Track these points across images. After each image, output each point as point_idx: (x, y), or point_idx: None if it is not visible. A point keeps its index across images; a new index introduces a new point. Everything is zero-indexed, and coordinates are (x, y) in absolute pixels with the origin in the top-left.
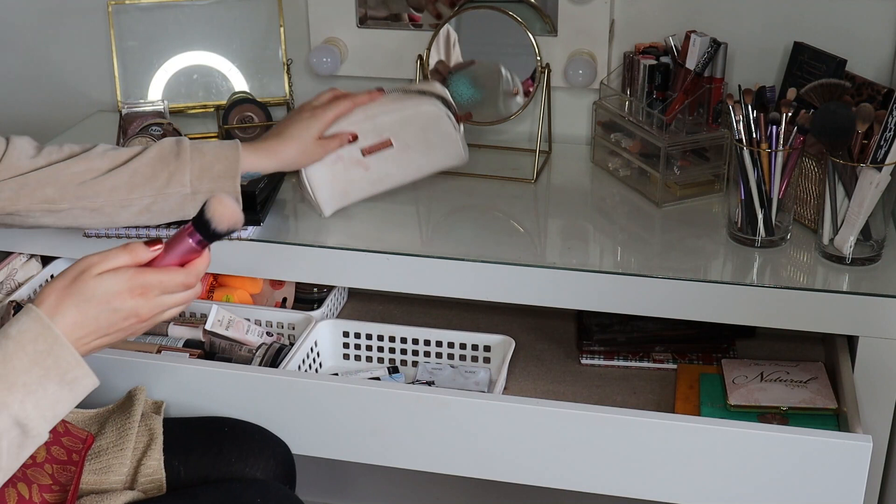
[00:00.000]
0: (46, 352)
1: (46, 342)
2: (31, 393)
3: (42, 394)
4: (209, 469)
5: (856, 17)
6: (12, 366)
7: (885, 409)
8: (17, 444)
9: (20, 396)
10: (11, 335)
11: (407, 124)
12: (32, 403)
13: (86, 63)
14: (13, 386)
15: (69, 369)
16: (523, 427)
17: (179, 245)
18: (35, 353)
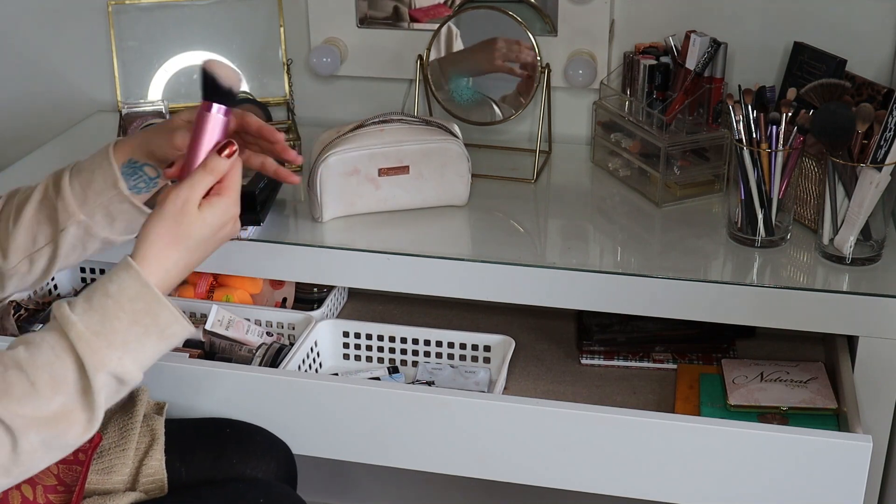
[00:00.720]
0: (145, 311)
1: (145, 301)
2: (129, 351)
3: (140, 349)
4: (211, 470)
5: (856, 17)
6: (112, 326)
7: (885, 409)
8: (114, 392)
9: (119, 354)
10: (111, 293)
11: (428, 156)
12: (131, 359)
13: (86, 63)
14: (112, 345)
15: (167, 325)
16: (523, 427)
17: (205, 126)
18: (134, 312)
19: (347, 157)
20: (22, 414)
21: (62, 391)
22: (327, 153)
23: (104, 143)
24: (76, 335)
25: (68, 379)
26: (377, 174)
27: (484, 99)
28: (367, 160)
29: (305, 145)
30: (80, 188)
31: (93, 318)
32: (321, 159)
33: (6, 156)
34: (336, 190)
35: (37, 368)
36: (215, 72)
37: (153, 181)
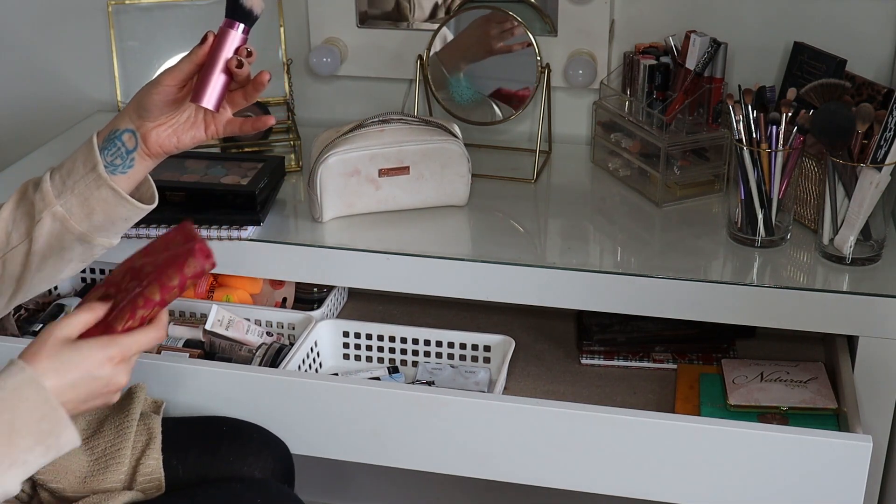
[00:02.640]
0: (50, 431)
1: (51, 423)
2: (28, 469)
3: (34, 466)
4: (208, 468)
5: (856, 17)
6: (15, 444)
7: (885, 409)
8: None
9: (16, 472)
10: (20, 412)
11: (428, 157)
12: (25, 473)
13: (86, 63)
14: (14, 464)
15: (66, 445)
16: (523, 427)
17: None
18: (40, 432)
19: (348, 158)
20: None
21: None
22: (327, 153)
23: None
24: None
25: None
26: (377, 175)
27: (484, 99)
28: (367, 161)
29: (305, 145)
30: (59, 179)
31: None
32: (321, 159)
33: (6, 156)
34: (336, 190)
35: None
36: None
37: (129, 155)
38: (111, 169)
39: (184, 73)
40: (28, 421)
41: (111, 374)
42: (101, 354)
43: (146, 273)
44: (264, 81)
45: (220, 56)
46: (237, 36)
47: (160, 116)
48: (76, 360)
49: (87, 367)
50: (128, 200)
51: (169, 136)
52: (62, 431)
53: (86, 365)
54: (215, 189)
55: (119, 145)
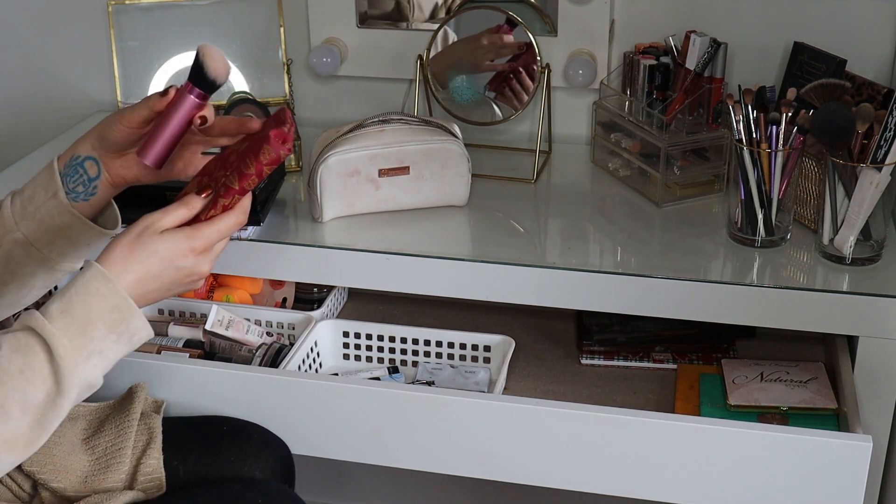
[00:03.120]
0: (120, 320)
1: (121, 312)
2: (104, 358)
3: (111, 356)
4: (208, 468)
5: (856, 17)
6: (91, 335)
7: (885, 409)
8: (82, 398)
9: (95, 362)
10: (92, 306)
11: (428, 157)
12: (103, 366)
13: (86, 63)
14: (91, 355)
15: (136, 332)
16: (523, 427)
17: (178, 105)
18: (111, 321)
19: (348, 158)
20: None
21: (30, 412)
22: (327, 153)
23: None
24: (63, 351)
25: (38, 399)
26: (377, 175)
27: (484, 99)
28: (367, 161)
29: (305, 145)
30: (20, 204)
31: (75, 331)
32: (321, 159)
33: (6, 156)
34: (336, 190)
35: (5, 391)
36: (206, 60)
37: (92, 183)
38: (73, 196)
39: (141, 117)
40: (100, 311)
41: (193, 263)
42: (184, 245)
43: (230, 162)
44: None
45: (175, 116)
46: (195, 102)
47: (122, 150)
48: (161, 251)
49: (169, 257)
50: (91, 227)
51: (130, 167)
52: (131, 319)
53: (168, 256)
54: None
55: (81, 172)
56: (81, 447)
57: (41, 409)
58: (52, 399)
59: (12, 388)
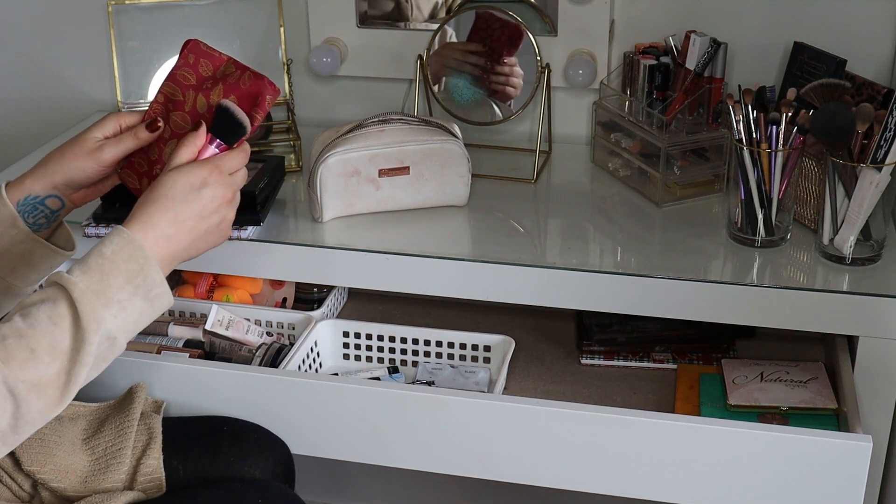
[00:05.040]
0: (137, 270)
1: (138, 262)
2: (122, 309)
3: (130, 309)
4: (208, 468)
5: (856, 17)
6: (108, 283)
7: (885, 409)
8: (104, 356)
9: (114, 311)
10: (107, 255)
11: (428, 157)
12: (122, 318)
13: (86, 63)
14: (110, 302)
15: (153, 286)
16: (523, 427)
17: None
18: (128, 271)
19: (348, 158)
20: (24, 379)
21: (59, 357)
22: (327, 153)
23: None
24: (79, 294)
25: (65, 344)
26: (377, 175)
27: (484, 99)
28: (367, 161)
29: (305, 145)
30: None
31: (92, 278)
32: (321, 159)
33: (6, 156)
34: (336, 190)
35: (36, 335)
36: (235, 112)
37: (54, 214)
38: (35, 227)
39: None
40: (115, 260)
41: (214, 185)
42: (202, 170)
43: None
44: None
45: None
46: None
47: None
48: (180, 180)
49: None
50: (54, 251)
51: (94, 191)
52: (148, 271)
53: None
54: None
55: (42, 209)
56: (81, 447)
57: (68, 356)
58: (77, 345)
59: (42, 332)
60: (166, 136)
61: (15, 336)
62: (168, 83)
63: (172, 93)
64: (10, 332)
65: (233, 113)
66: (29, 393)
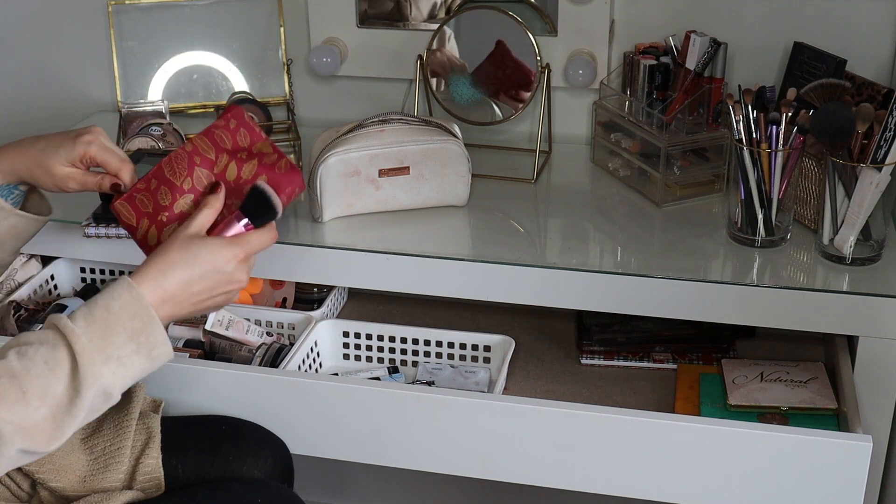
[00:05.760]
0: (141, 329)
1: (143, 320)
2: (122, 365)
3: (130, 366)
4: (207, 468)
5: (856, 17)
6: (111, 339)
7: (885, 409)
8: (97, 408)
9: (113, 367)
10: (113, 310)
11: (428, 157)
12: (121, 374)
13: (86, 63)
14: (110, 358)
15: (156, 345)
16: (523, 427)
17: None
18: (133, 329)
19: (348, 158)
20: (11, 421)
21: (49, 403)
22: (327, 153)
23: None
24: (81, 348)
25: (57, 391)
26: (377, 175)
27: (484, 99)
28: (367, 161)
29: (305, 145)
30: None
31: (95, 332)
32: (321, 159)
33: None
34: (336, 190)
35: (30, 378)
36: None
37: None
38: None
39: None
40: (121, 317)
41: (235, 269)
42: (228, 251)
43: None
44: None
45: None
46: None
47: None
48: (205, 253)
49: (213, 259)
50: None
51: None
52: (152, 330)
53: (213, 258)
54: None
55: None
56: (80, 447)
57: (58, 403)
58: (70, 396)
59: (36, 376)
60: (185, 187)
61: (8, 376)
62: (203, 137)
63: (205, 149)
64: (3, 370)
65: (269, 196)
66: (14, 434)
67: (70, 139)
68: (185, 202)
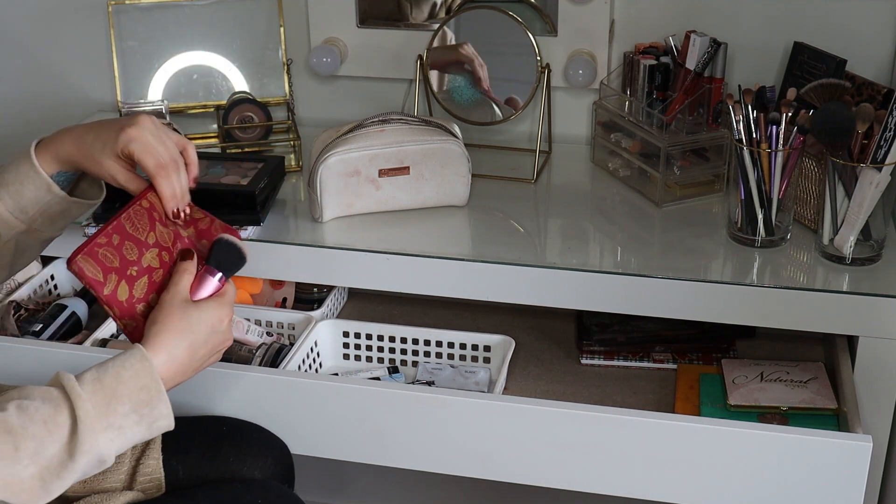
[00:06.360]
0: (147, 401)
1: (150, 393)
2: (121, 434)
3: (129, 436)
4: (207, 469)
5: (856, 17)
6: (115, 408)
7: (885, 409)
8: (88, 472)
9: (112, 436)
10: (123, 378)
11: (428, 157)
12: (119, 442)
13: (86, 63)
14: (110, 427)
15: (159, 418)
16: (523, 427)
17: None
18: (139, 401)
19: (348, 158)
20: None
21: (38, 463)
22: (328, 153)
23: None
24: (84, 413)
25: (50, 452)
26: (377, 175)
27: (484, 99)
28: (367, 161)
29: (305, 145)
30: (11, 200)
31: (100, 399)
32: (321, 159)
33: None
34: (336, 190)
35: (25, 437)
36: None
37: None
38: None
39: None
40: (129, 387)
41: (226, 328)
42: (221, 311)
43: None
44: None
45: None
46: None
47: None
48: (204, 318)
49: (212, 322)
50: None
51: None
52: (158, 404)
53: (212, 321)
54: (215, 189)
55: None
56: None
57: (48, 464)
58: (63, 459)
59: (32, 435)
60: (150, 241)
61: (4, 430)
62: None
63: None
64: (0, 424)
65: (238, 247)
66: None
67: (115, 131)
68: (151, 256)
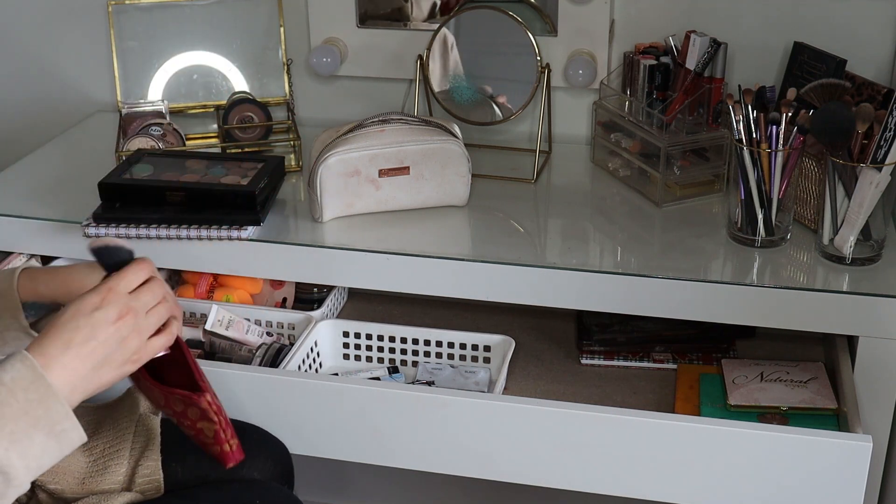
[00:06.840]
0: (38, 401)
1: (38, 392)
2: (16, 441)
3: (28, 443)
4: (207, 469)
5: (856, 17)
6: (1, 412)
7: (885, 409)
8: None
9: (5, 444)
10: (5, 381)
11: (428, 157)
12: (17, 452)
13: (86, 63)
14: (0, 433)
15: (59, 421)
16: (523, 427)
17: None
18: (26, 401)
19: (348, 158)
20: None
21: None
22: (328, 153)
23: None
24: None
25: None
26: (377, 175)
27: (484, 99)
28: (367, 161)
29: (305, 145)
30: None
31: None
32: (321, 159)
33: (6, 156)
34: (336, 190)
35: None
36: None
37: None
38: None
39: None
40: (14, 389)
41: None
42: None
43: None
44: None
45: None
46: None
47: None
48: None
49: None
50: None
51: None
52: (51, 403)
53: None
54: (215, 189)
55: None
56: (79, 448)
57: None
58: None
59: None
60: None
61: None
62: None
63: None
64: None
65: (110, 246)
66: None
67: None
68: None
